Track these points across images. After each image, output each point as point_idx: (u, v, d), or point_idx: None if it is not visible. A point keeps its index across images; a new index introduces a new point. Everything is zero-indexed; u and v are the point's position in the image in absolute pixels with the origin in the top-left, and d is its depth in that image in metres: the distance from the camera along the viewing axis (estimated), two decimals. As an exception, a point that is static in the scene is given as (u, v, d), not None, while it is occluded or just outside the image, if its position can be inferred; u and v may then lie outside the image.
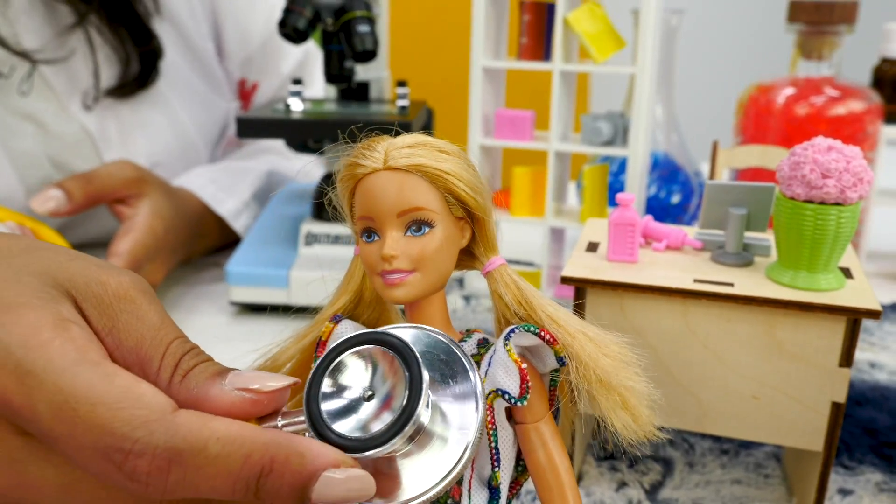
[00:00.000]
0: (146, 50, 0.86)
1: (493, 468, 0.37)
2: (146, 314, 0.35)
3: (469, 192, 0.37)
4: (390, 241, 0.36)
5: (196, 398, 0.34)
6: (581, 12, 0.72)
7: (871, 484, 0.54)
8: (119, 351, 0.34)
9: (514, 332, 0.37)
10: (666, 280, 0.47)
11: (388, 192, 0.36)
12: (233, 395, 0.34)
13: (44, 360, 0.30)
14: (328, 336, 0.40)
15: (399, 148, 0.37)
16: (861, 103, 0.82)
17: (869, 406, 0.63)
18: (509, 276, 0.39)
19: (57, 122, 0.84)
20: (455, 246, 0.38)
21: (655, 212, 0.88)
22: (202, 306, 0.81)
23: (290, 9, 0.76)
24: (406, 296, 0.37)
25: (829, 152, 0.43)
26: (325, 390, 0.34)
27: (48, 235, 0.72)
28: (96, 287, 0.34)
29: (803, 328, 0.45)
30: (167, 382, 0.34)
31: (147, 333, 0.34)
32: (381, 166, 0.37)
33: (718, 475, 0.54)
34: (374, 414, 0.33)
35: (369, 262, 0.38)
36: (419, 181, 0.36)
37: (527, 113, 0.76)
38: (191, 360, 0.35)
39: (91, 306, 0.34)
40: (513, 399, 0.36)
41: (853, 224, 0.44)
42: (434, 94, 1.09)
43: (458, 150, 0.38)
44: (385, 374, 0.34)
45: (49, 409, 0.30)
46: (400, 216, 0.36)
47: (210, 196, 0.89)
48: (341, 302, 0.41)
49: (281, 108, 0.81)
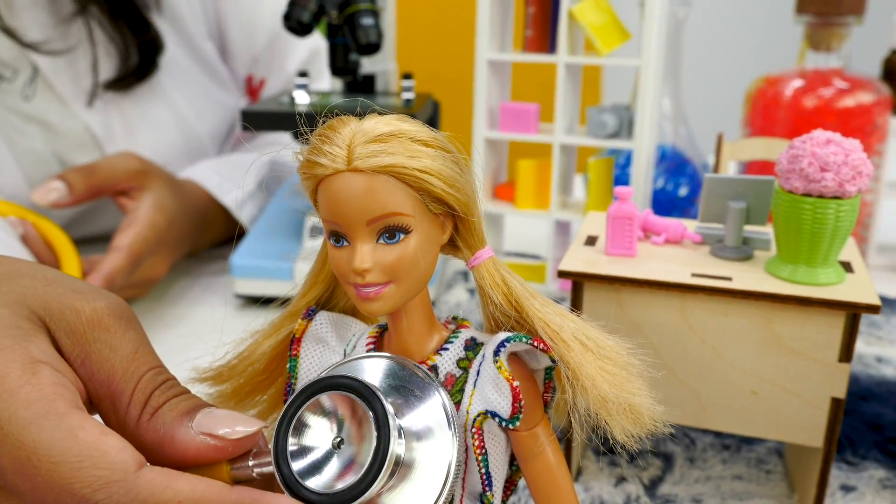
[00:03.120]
0: (145, 41, 0.86)
1: (483, 492, 0.35)
2: (119, 344, 0.34)
3: (448, 191, 0.33)
4: (360, 253, 0.33)
5: (162, 440, 0.33)
6: (586, 4, 0.72)
7: (875, 480, 0.53)
8: (92, 382, 0.34)
9: (504, 345, 0.34)
10: (664, 274, 0.47)
11: (354, 198, 0.32)
12: (198, 440, 0.33)
13: (9, 412, 0.30)
14: (302, 333, 0.38)
15: (365, 143, 0.32)
16: (870, 95, 0.81)
17: (874, 401, 0.62)
18: (497, 272, 0.36)
19: (61, 121, 0.84)
20: (434, 245, 0.34)
21: (663, 205, 0.88)
22: (206, 298, 0.81)
23: (294, 2, 0.76)
24: (383, 309, 0.34)
25: (827, 145, 0.43)
26: (293, 449, 0.33)
27: (50, 230, 0.72)
28: (70, 315, 0.34)
29: (802, 323, 0.45)
30: (136, 419, 0.34)
31: (119, 366, 0.34)
32: (343, 167, 0.32)
33: (719, 471, 0.54)
34: (347, 462, 0.32)
35: (340, 270, 0.34)
36: (390, 183, 0.32)
37: (532, 106, 0.75)
38: (160, 395, 0.34)
39: (64, 335, 0.34)
40: (504, 421, 0.34)
41: (852, 218, 0.44)
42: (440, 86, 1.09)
43: (439, 139, 0.34)
44: (350, 417, 0.32)
45: (12, 464, 0.30)
46: (370, 224, 0.32)
47: (215, 186, 0.89)
48: (314, 293, 0.39)
49: (286, 100, 0.81)
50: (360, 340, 0.38)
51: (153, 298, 0.81)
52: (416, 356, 0.36)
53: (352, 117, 0.34)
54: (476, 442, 0.34)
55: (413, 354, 0.36)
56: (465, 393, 0.35)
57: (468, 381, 0.35)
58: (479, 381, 0.35)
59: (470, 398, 0.35)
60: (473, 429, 0.34)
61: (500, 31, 0.77)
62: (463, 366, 0.36)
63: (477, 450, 0.34)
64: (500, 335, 0.35)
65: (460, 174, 0.34)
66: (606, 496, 0.51)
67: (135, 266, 0.73)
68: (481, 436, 0.34)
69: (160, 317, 0.77)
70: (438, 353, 0.36)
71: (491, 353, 0.34)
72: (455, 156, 0.34)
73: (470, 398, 0.35)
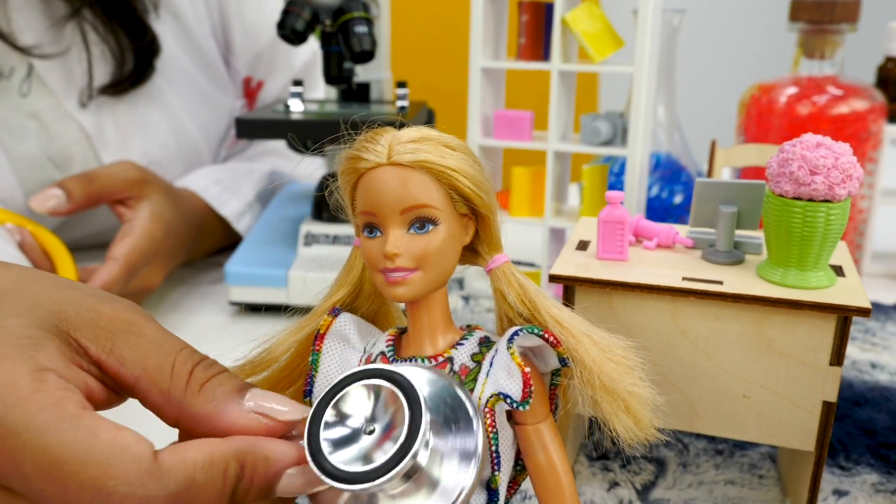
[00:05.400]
0: (142, 46, 0.86)
1: (493, 471, 0.36)
2: (144, 329, 0.35)
3: (474, 189, 0.37)
4: (393, 238, 0.36)
5: (212, 413, 0.35)
6: (579, 12, 0.72)
7: (867, 485, 0.53)
8: (123, 368, 0.34)
9: (517, 334, 0.37)
10: (655, 278, 0.47)
11: (392, 188, 0.36)
12: (250, 417, 0.35)
13: (25, 419, 0.30)
14: (326, 329, 0.40)
15: (403, 142, 0.36)
16: (864, 102, 0.81)
17: (868, 406, 0.62)
18: (513, 275, 0.39)
19: (55, 121, 0.84)
20: (458, 243, 0.38)
21: (657, 212, 0.88)
22: (202, 306, 0.81)
23: (288, 10, 0.76)
24: (408, 294, 0.37)
25: (817, 149, 0.43)
26: (329, 419, 0.34)
27: (47, 238, 0.73)
28: (88, 314, 0.35)
29: (793, 326, 0.45)
30: (182, 391, 0.35)
31: (151, 346, 0.35)
32: (384, 161, 0.36)
33: (712, 476, 0.54)
34: (373, 447, 0.33)
35: (371, 258, 0.37)
36: (423, 177, 0.36)
37: (526, 113, 0.76)
38: (205, 371, 0.36)
39: (86, 333, 0.34)
40: (515, 403, 0.36)
41: (843, 221, 0.44)
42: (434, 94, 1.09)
43: (464, 146, 0.37)
44: (388, 411, 0.34)
45: (37, 471, 0.30)
46: (403, 213, 0.36)
47: (213, 197, 0.90)
48: (339, 294, 0.41)
49: (281, 108, 0.82)
50: (379, 339, 0.40)
51: (149, 307, 0.81)
52: (432, 350, 0.38)
53: (391, 127, 0.38)
54: (489, 420, 0.36)
55: (429, 348, 0.38)
56: (477, 381, 0.37)
57: (481, 372, 0.37)
58: (492, 370, 0.37)
59: (482, 385, 0.37)
60: (486, 408, 0.36)
61: (494, 39, 0.77)
62: (476, 359, 0.38)
63: (489, 428, 0.36)
64: (512, 328, 0.37)
65: (483, 176, 0.37)
66: (599, 500, 0.51)
67: (130, 276, 0.73)
68: (493, 416, 0.36)
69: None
70: (454, 347, 0.38)
71: (504, 345, 0.37)
72: (477, 159, 0.38)
73: (482, 385, 0.37)
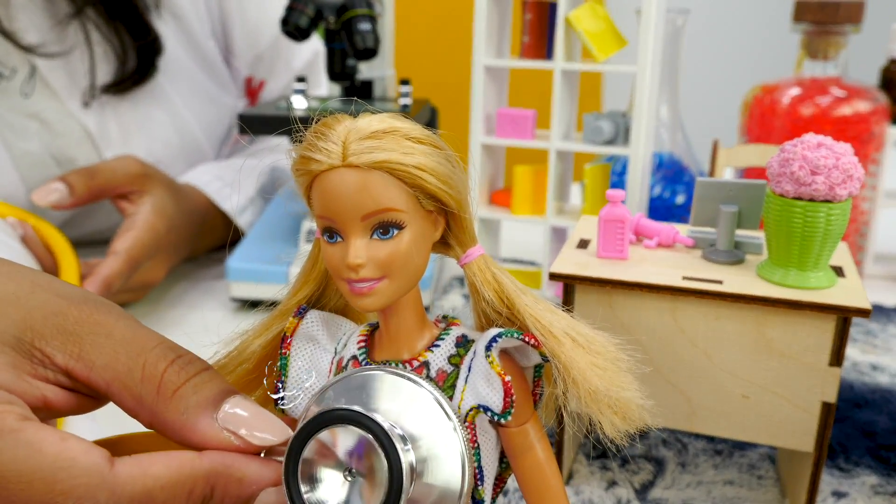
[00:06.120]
0: (144, 45, 0.86)
1: (476, 485, 0.35)
2: (114, 330, 0.34)
3: (441, 188, 0.33)
4: (354, 248, 0.33)
5: (184, 424, 0.33)
6: (582, 11, 0.72)
7: (867, 486, 0.53)
8: (93, 372, 0.33)
9: (495, 340, 0.34)
10: (655, 277, 0.47)
11: (349, 194, 0.32)
12: (222, 435, 0.33)
13: None
14: (293, 331, 0.38)
15: (360, 139, 0.32)
16: (867, 104, 0.81)
17: (868, 408, 0.62)
18: (488, 269, 0.36)
19: (58, 120, 0.84)
20: (427, 241, 0.35)
21: (660, 212, 0.88)
22: (204, 302, 0.81)
23: (292, 7, 0.77)
24: (376, 304, 0.34)
25: (818, 149, 0.43)
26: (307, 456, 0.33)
27: (49, 233, 0.73)
28: (56, 318, 0.33)
29: (793, 327, 0.45)
30: (153, 396, 0.33)
31: (120, 347, 0.33)
32: (338, 163, 0.32)
33: (710, 476, 0.54)
34: (365, 488, 0.32)
35: (333, 266, 0.34)
36: (384, 179, 0.32)
37: (528, 112, 0.75)
38: (179, 373, 0.34)
39: (52, 340, 0.33)
40: (495, 416, 0.34)
41: (843, 222, 0.44)
42: (437, 92, 1.09)
43: (430, 136, 0.34)
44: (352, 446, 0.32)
45: None
46: (364, 219, 0.33)
47: (215, 192, 0.90)
48: (304, 291, 0.39)
49: (283, 105, 0.82)
50: (350, 339, 0.38)
51: (151, 302, 0.81)
52: (407, 353, 0.36)
53: (346, 115, 0.34)
54: (470, 436, 0.34)
55: (404, 352, 0.36)
56: (456, 388, 0.35)
57: (459, 377, 0.35)
58: (471, 376, 0.35)
59: (461, 393, 0.35)
60: (466, 423, 0.34)
61: (498, 38, 0.77)
62: (454, 362, 0.36)
63: (471, 444, 0.34)
64: (491, 331, 0.35)
65: (453, 171, 0.34)
66: (597, 500, 0.51)
67: (132, 270, 0.73)
68: (474, 430, 0.35)
69: (157, 320, 0.77)
70: (429, 349, 0.36)
71: (482, 349, 0.34)
72: (447, 153, 0.34)
73: (461, 393, 0.35)
